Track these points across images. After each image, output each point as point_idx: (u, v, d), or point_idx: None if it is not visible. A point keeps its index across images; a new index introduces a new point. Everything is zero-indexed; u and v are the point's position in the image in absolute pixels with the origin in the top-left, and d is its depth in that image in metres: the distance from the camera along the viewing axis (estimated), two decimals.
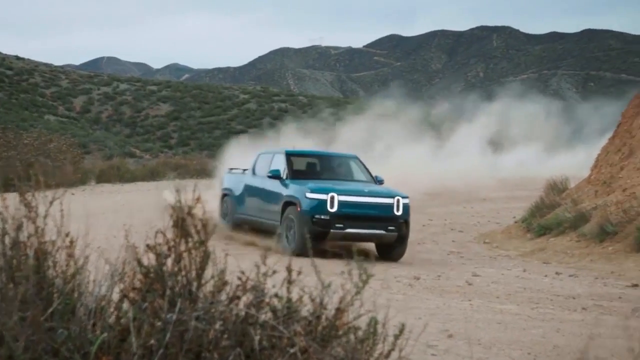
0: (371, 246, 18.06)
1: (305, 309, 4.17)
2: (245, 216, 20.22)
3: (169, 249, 4.23)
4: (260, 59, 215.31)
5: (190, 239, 4.24)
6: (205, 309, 4.06)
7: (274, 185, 18.75)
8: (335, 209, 17.25)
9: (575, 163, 35.58)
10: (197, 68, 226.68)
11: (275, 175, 18.65)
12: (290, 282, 4.17)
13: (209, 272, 4.25)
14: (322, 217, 17.26)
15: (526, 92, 67.55)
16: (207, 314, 4.05)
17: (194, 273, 4.22)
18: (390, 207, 17.68)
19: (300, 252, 15.52)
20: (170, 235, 4.25)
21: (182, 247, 4.24)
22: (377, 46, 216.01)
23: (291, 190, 18.03)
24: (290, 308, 4.10)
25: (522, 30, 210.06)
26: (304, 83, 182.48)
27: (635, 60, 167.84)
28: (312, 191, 17.46)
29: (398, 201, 17.71)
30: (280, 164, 19.00)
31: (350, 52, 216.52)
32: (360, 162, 19.93)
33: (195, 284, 4.20)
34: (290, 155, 19.32)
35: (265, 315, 4.12)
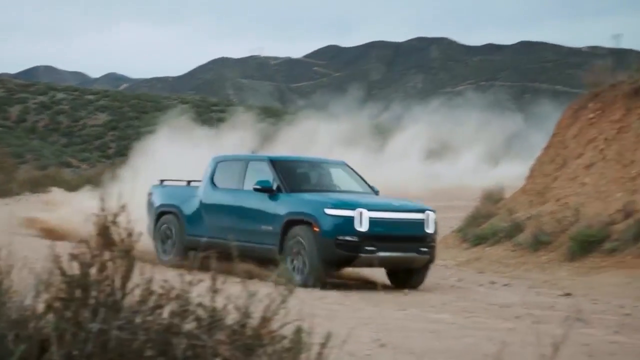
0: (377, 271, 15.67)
1: (231, 318, 4.14)
2: (208, 239, 13.95)
3: (93, 257, 4.18)
4: (200, 69, 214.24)
5: (114, 248, 4.20)
6: (128, 318, 4.01)
7: (262, 200, 15.35)
8: (365, 228, 14.22)
9: (512, 173, 35.86)
10: (136, 77, 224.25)
11: (265, 187, 15.23)
12: (215, 290, 4.14)
13: (134, 281, 4.21)
14: (349, 238, 14.17)
15: (464, 103, 68.17)
16: (130, 323, 4.01)
17: (118, 282, 4.18)
18: (422, 224, 14.88)
19: (315, 284, 13.58)
20: (93, 244, 4.20)
21: (106, 256, 4.20)
22: (316, 57, 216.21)
23: (296, 205, 14.87)
24: (214, 317, 4.07)
25: (459, 41, 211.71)
26: (243, 93, 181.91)
27: (570, 71, 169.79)
28: (335, 207, 14.37)
29: (428, 216, 14.98)
30: (267, 174, 15.55)
31: (290, 62, 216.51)
32: (351, 169, 17.12)
33: (119, 293, 4.16)
34: (276, 163, 15.96)
35: (190, 325, 4.09)
